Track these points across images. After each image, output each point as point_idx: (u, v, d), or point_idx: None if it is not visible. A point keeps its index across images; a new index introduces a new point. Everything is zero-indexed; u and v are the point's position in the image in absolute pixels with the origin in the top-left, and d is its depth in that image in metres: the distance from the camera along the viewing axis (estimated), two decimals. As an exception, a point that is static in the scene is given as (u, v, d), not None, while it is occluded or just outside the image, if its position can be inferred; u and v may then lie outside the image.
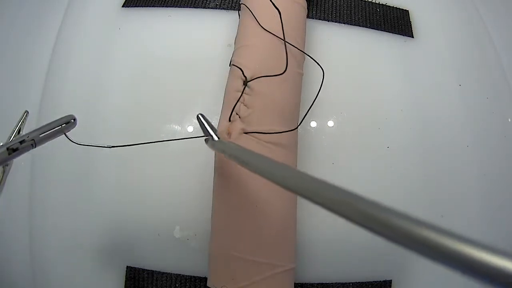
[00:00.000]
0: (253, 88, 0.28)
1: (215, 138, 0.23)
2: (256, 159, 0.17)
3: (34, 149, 0.22)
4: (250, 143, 0.26)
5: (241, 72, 0.28)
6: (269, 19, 0.30)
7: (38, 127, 0.34)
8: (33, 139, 0.21)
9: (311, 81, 0.34)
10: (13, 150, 0.20)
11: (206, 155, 0.32)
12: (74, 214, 0.32)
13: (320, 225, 0.30)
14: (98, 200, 0.32)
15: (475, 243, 0.09)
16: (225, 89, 0.30)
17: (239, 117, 0.27)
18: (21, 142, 0.21)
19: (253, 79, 0.28)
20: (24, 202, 0.32)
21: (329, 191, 0.12)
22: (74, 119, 0.24)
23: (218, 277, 0.26)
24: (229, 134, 0.27)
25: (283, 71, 0.27)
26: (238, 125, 0.27)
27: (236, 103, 0.27)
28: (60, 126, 0.23)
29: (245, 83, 0.28)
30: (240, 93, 0.28)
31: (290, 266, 0.26)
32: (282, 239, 0.26)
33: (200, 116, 0.24)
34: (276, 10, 0.30)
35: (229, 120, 0.27)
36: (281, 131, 0.27)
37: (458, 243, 0.09)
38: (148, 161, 0.32)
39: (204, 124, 0.23)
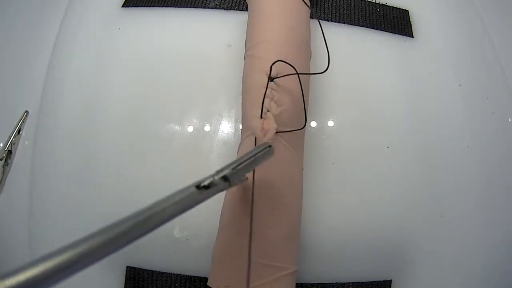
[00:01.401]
0: (280, 84, 0.27)
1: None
2: None
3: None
4: (278, 145, 0.26)
5: (267, 67, 0.26)
6: (280, 15, 0.30)
7: (37, 126, 0.34)
8: (225, 175, 0.18)
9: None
10: (205, 188, 0.17)
11: (207, 154, 0.32)
12: (74, 213, 0.32)
13: (320, 225, 0.30)
14: (98, 199, 0.32)
15: None
16: (246, 84, 0.29)
17: (272, 114, 0.26)
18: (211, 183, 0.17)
19: (285, 75, 0.26)
20: (24, 202, 0.32)
21: None
22: (270, 146, 0.21)
23: (221, 278, 0.25)
24: (264, 132, 0.25)
25: (300, 69, 0.26)
26: (273, 124, 0.25)
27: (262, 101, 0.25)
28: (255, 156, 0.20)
29: (271, 78, 0.27)
30: (268, 89, 0.26)
31: (293, 269, 0.26)
32: (288, 242, 0.26)
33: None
34: (284, 7, 0.30)
35: (261, 117, 0.26)
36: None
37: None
38: (148, 160, 0.32)
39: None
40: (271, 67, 0.26)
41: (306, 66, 0.30)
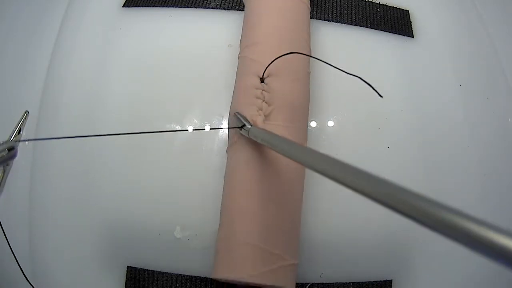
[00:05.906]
0: (270, 85, 0.28)
1: (248, 126, 0.26)
2: (283, 143, 0.21)
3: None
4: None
5: (259, 69, 0.28)
6: (275, 16, 0.30)
7: (37, 126, 0.34)
8: None
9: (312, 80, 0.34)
10: None
11: (208, 155, 0.32)
12: (74, 214, 0.32)
13: (321, 225, 0.30)
14: (99, 200, 0.32)
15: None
16: (238, 85, 0.30)
17: (263, 114, 0.28)
18: None
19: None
20: (24, 202, 0.32)
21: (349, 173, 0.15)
22: (13, 148, 0.18)
23: (225, 265, 0.25)
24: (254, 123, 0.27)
25: (296, 69, 0.28)
26: (261, 119, 0.27)
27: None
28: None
29: (263, 80, 0.28)
30: (259, 90, 0.28)
31: (295, 261, 0.26)
32: (290, 233, 0.26)
33: (236, 113, 0.28)
34: (281, 7, 0.31)
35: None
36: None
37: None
38: (149, 160, 0.32)
39: (239, 116, 0.27)
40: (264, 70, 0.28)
41: (303, 65, 0.30)
